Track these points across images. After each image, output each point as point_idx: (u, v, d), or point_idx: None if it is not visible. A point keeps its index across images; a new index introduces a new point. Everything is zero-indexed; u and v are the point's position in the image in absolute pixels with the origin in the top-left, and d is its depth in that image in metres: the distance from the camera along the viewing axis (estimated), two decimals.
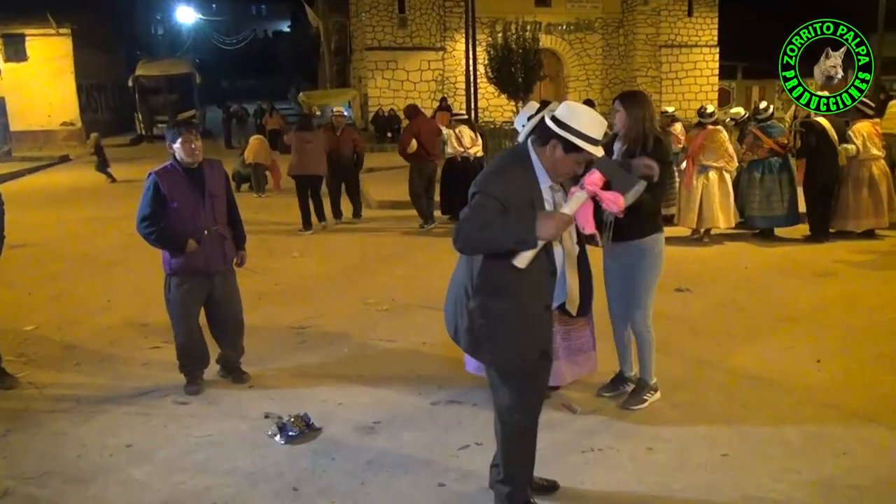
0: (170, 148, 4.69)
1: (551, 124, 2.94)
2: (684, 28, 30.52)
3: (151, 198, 4.60)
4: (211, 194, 4.72)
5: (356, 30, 30.63)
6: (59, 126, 29.48)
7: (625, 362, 4.67)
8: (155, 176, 4.63)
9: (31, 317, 6.63)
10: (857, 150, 8.74)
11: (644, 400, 4.49)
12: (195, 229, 4.65)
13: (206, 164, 4.76)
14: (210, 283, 4.79)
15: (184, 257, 4.65)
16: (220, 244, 4.80)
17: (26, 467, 3.91)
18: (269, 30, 71.01)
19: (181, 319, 4.78)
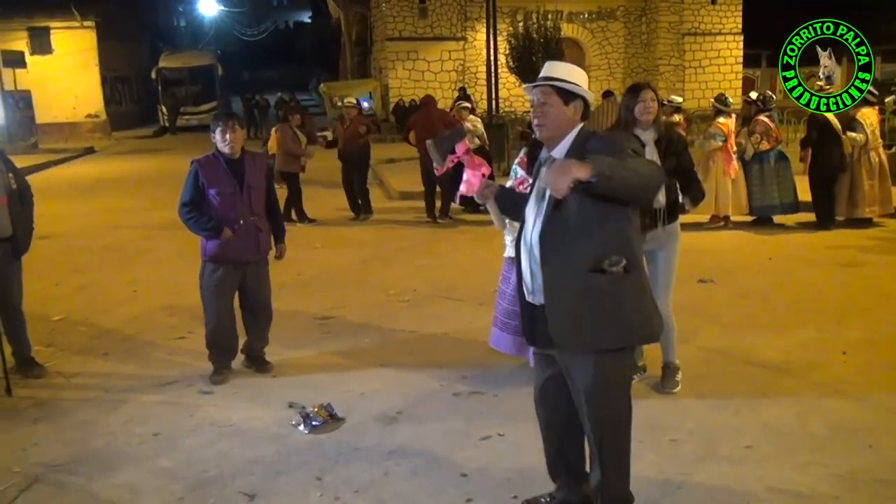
0: (212, 138, 4.83)
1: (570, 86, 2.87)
2: (708, 15, 30.11)
3: (191, 185, 4.76)
4: (249, 186, 4.82)
5: (377, 20, 30.58)
6: (83, 118, 29.76)
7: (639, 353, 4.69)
8: (196, 164, 4.79)
9: (58, 307, 6.72)
10: (866, 139, 8.76)
11: (677, 381, 4.57)
12: (230, 218, 4.75)
13: (247, 156, 4.88)
14: (242, 272, 4.89)
15: (218, 245, 4.75)
16: (255, 235, 4.88)
17: (55, 455, 3.98)
18: (291, 21, 71.09)
19: (213, 305, 4.87)
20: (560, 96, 2.83)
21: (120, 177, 17.40)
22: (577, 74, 2.90)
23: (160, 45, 38.77)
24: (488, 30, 17.78)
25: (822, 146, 8.81)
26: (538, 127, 2.87)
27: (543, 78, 2.88)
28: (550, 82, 2.84)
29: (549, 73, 2.88)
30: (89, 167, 20.13)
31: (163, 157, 21.50)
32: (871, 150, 8.88)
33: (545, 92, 2.84)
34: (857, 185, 8.96)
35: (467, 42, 28.84)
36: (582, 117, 2.89)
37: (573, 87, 2.84)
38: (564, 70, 2.90)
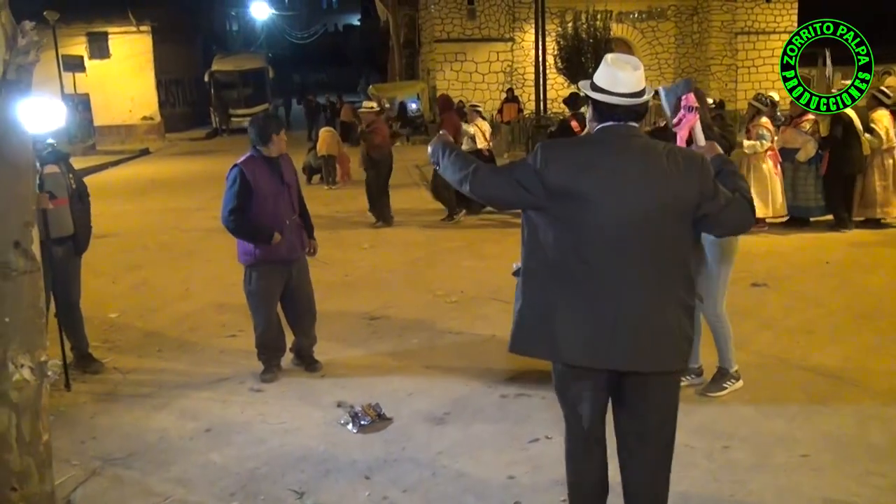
0: (257, 140, 4.83)
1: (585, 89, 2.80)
2: (762, 14, 29.46)
3: (239, 189, 4.69)
4: (288, 184, 4.89)
5: (425, 22, 30.70)
6: (139, 120, 30.52)
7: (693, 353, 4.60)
8: (241, 166, 4.74)
9: (115, 304, 6.90)
10: (882, 140, 8.63)
11: (724, 388, 4.47)
12: (278, 219, 4.78)
13: (280, 156, 4.90)
14: (289, 271, 4.92)
15: (268, 248, 4.75)
16: (299, 232, 4.97)
17: (113, 448, 4.08)
18: (340, 24, 71.82)
19: (264, 310, 4.90)
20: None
21: (173, 177, 17.80)
22: (598, 73, 2.75)
23: (213, 49, 39.53)
24: (537, 31, 17.71)
25: (845, 146, 8.66)
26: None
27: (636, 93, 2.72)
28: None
29: (628, 88, 2.70)
30: (144, 168, 20.64)
31: (214, 159, 21.90)
32: (884, 151, 8.75)
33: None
34: (868, 186, 8.86)
35: (515, 43, 28.74)
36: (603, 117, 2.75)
37: (587, 90, 2.76)
38: (633, 83, 2.71)
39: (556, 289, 2.69)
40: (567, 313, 2.67)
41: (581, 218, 2.62)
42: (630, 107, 2.68)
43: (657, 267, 2.65)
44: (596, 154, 2.68)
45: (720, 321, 4.43)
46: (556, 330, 2.68)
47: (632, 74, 2.68)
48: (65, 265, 5.07)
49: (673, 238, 2.66)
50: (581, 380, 2.78)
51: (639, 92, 2.68)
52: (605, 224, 2.61)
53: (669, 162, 2.64)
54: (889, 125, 8.73)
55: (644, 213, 2.60)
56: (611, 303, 2.63)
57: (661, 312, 2.66)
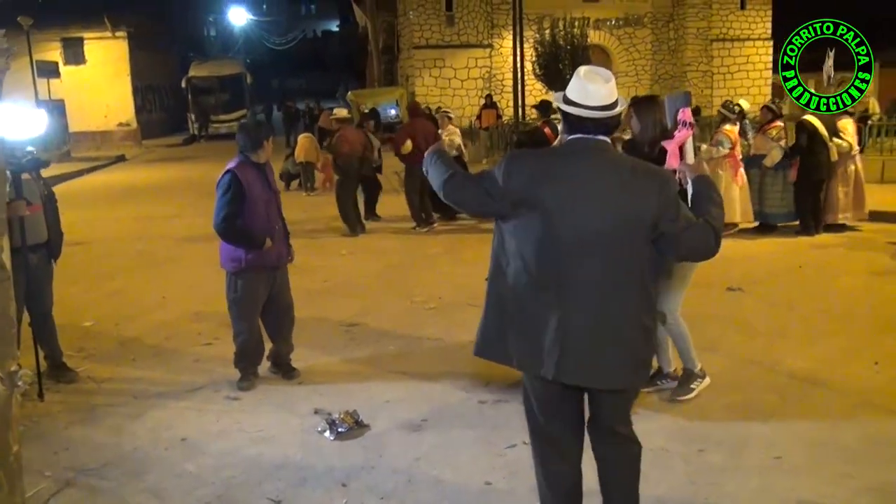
0: (248, 146, 4.82)
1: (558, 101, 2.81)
2: (737, 21, 29.84)
3: (233, 194, 4.65)
4: (274, 191, 4.92)
5: (404, 28, 30.75)
6: (115, 127, 30.26)
7: (662, 358, 4.63)
8: (235, 171, 4.69)
9: (89, 313, 6.83)
10: (850, 146, 8.82)
11: (692, 389, 4.48)
12: (269, 225, 4.78)
13: (266, 163, 4.93)
14: (273, 277, 4.92)
15: (258, 254, 4.74)
16: (286, 239, 5.00)
17: (86, 459, 4.04)
18: (318, 29, 71.68)
19: (248, 318, 4.87)
20: None
21: (150, 184, 17.65)
22: (569, 86, 2.76)
23: (190, 55, 39.28)
24: (515, 37, 17.82)
25: (812, 153, 8.81)
26: None
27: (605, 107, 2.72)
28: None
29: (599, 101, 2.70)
30: (120, 175, 20.45)
31: (192, 165, 21.77)
32: (849, 158, 8.92)
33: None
34: (832, 192, 9.01)
35: (494, 49, 28.86)
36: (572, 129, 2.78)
37: (559, 103, 2.77)
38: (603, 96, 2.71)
39: (512, 297, 2.73)
40: (521, 321, 2.71)
41: (538, 228, 2.64)
42: (600, 120, 2.68)
43: (611, 282, 2.64)
44: (558, 165, 2.69)
45: (676, 324, 4.47)
46: (509, 337, 2.74)
47: (603, 87, 2.68)
48: (39, 272, 5.01)
49: (630, 254, 2.64)
50: (541, 388, 2.82)
51: (610, 105, 2.69)
52: (561, 236, 2.62)
53: (631, 178, 2.65)
54: (853, 132, 8.90)
55: (600, 227, 2.61)
56: (561, 315, 2.65)
57: (613, 329, 2.66)
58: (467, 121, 24.82)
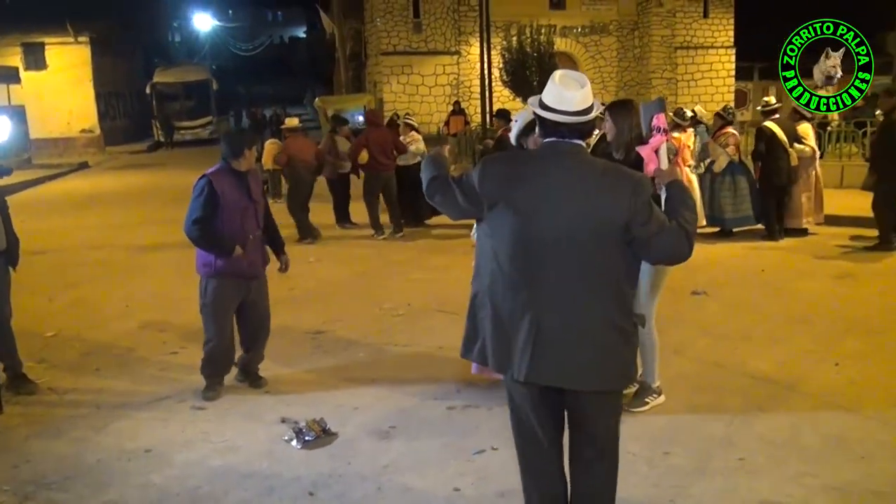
0: (231, 153, 4.78)
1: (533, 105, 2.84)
2: (700, 29, 30.36)
3: (205, 200, 4.64)
4: (254, 200, 4.84)
5: (371, 35, 30.74)
6: (78, 133, 29.79)
7: (649, 371, 4.65)
8: (209, 177, 4.69)
9: (51, 322, 6.70)
10: (813, 151, 8.99)
11: (646, 402, 4.50)
12: (242, 233, 4.73)
13: (249, 172, 4.88)
14: (247, 287, 4.86)
15: (230, 261, 4.70)
16: (262, 249, 4.94)
17: (47, 471, 3.96)
18: (285, 35, 71.35)
19: (217, 323, 4.82)
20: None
21: (114, 192, 17.39)
22: (545, 91, 2.77)
23: (155, 61, 38.87)
24: (482, 44, 17.88)
25: (772, 159, 9.01)
26: None
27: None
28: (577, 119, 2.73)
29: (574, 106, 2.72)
30: (83, 182, 20.12)
31: (156, 172, 21.52)
32: (811, 163, 9.06)
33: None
34: (794, 197, 9.16)
35: (461, 56, 28.99)
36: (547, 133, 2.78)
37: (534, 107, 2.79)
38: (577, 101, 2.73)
39: (489, 298, 2.78)
40: (496, 323, 2.75)
41: (511, 229, 2.68)
42: (574, 125, 2.71)
43: (584, 284, 2.66)
44: (531, 168, 2.72)
45: (648, 334, 4.44)
46: (487, 338, 2.79)
47: (578, 93, 2.71)
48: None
49: (602, 258, 2.66)
50: (518, 390, 2.84)
51: (585, 110, 2.72)
52: (534, 237, 2.65)
53: (603, 181, 2.68)
54: (813, 137, 9.05)
55: (571, 229, 2.63)
56: (533, 315, 2.67)
57: (586, 330, 2.68)
58: (435, 127, 24.88)
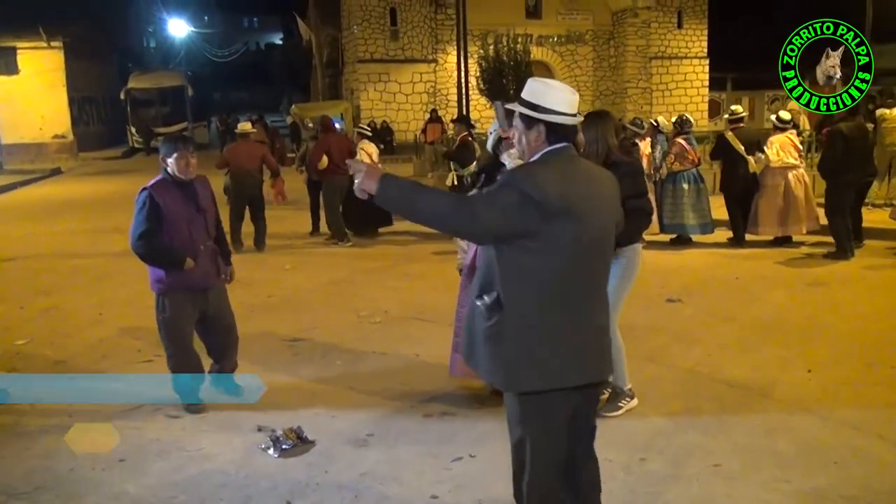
0: (163, 162, 4.59)
1: (529, 111, 2.71)
2: (674, 40, 30.75)
3: (148, 213, 4.49)
4: (203, 209, 4.67)
5: (348, 42, 30.74)
6: (50, 139, 29.44)
7: (620, 375, 4.69)
8: (150, 190, 4.53)
9: (22, 330, 6.60)
10: (768, 160, 9.08)
11: (619, 406, 4.54)
12: (191, 245, 4.57)
13: (196, 180, 4.69)
14: (205, 299, 4.73)
15: (180, 275, 4.55)
16: (214, 259, 4.76)
17: (18, 482, 3.89)
18: (262, 42, 71.04)
19: (176, 339, 4.69)
20: (521, 121, 2.72)
21: (87, 198, 17.18)
22: (545, 96, 2.69)
23: (130, 66, 38.49)
24: (459, 52, 17.97)
25: (728, 167, 9.42)
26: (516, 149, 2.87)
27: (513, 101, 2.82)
28: (514, 105, 2.76)
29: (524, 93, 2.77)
30: (56, 188, 19.86)
31: (130, 179, 21.26)
32: (775, 172, 9.06)
33: (512, 114, 2.79)
34: (765, 206, 9.22)
35: (438, 64, 29.09)
36: (557, 139, 2.70)
37: (532, 112, 2.68)
38: (529, 90, 2.74)
39: (547, 314, 2.65)
40: (566, 334, 2.68)
41: (573, 237, 2.61)
42: (576, 127, 2.80)
43: (605, 281, 2.84)
44: (576, 173, 2.71)
45: (615, 338, 4.48)
46: (559, 352, 2.67)
47: (573, 96, 2.77)
48: None
49: (611, 252, 2.88)
50: (566, 403, 2.76)
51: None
52: (590, 242, 2.69)
53: (611, 182, 2.87)
54: (781, 147, 9.05)
55: (607, 230, 2.77)
56: (589, 317, 2.75)
57: (605, 325, 2.85)
58: (412, 135, 24.92)
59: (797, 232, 9.30)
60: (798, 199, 9.14)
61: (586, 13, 30.72)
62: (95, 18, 32.98)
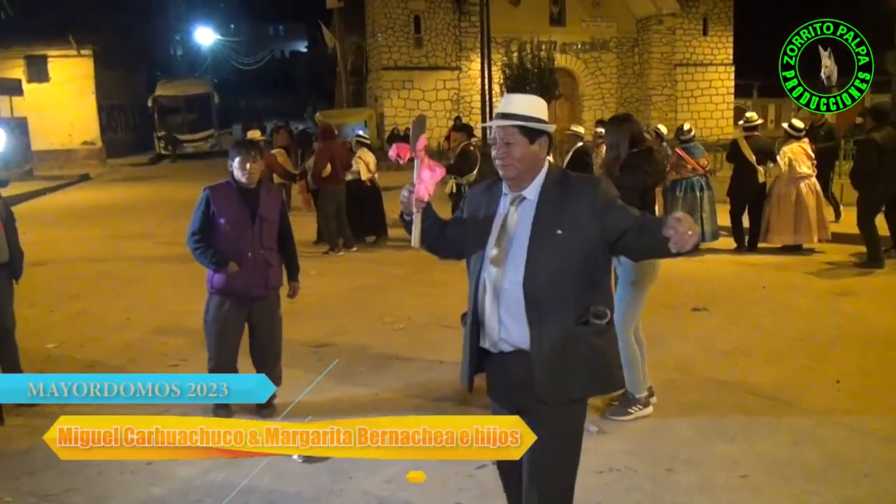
0: (230, 166, 4.68)
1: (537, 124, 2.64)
2: (699, 47, 30.58)
3: (202, 213, 4.60)
4: (261, 217, 4.65)
5: (372, 50, 30.92)
6: (79, 145, 29.92)
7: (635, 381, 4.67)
8: (208, 191, 4.63)
9: (52, 334, 6.70)
10: (779, 169, 9.08)
11: (629, 413, 4.52)
12: (238, 250, 4.58)
13: (263, 188, 4.73)
14: (249, 308, 4.73)
15: (225, 278, 4.60)
16: (264, 270, 4.69)
17: (49, 484, 3.95)
18: (287, 50, 71.64)
19: (217, 342, 4.71)
20: (524, 135, 2.60)
21: (115, 204, 17.42)
22: (538, 107, 2.67)
23: (157, 74, 39.03)
24: (483, 60, 18.01)
25: (738, 173, 9.52)
26: (503, 168, 2.62)
27: (504, 115, 2.64)
28: (514, 122, 2.60)
29: (509, 108, 2.64)
30: (84, 194, 20.16)
31: (157, 185, 21.56)
32: (789, 182, 9.02)
33: (508, 132, 2.60)
34: (781, 214, 9.16)
35: (462, 72, 29.16)
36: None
37: (537, 124, 2.61)
38: (525, 104, 2.66)
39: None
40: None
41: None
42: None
43: None
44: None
45: (626, 343, 4.45)
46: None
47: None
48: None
49: None
50: None
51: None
52: None
53: None
54: (794, 157, 8.99)
55: None
56: None
57: None
58: (436, 142, 24.98)
59: (809, 241, 9.20)
60: (810, 209, 9.02)
61: (610, 20, 30.65)
62: (124, 27, 33.52)
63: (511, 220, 2.64)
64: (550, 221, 2.56)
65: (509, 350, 2.63)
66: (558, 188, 2.61)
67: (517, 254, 2.59)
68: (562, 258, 2.53)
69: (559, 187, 2.61)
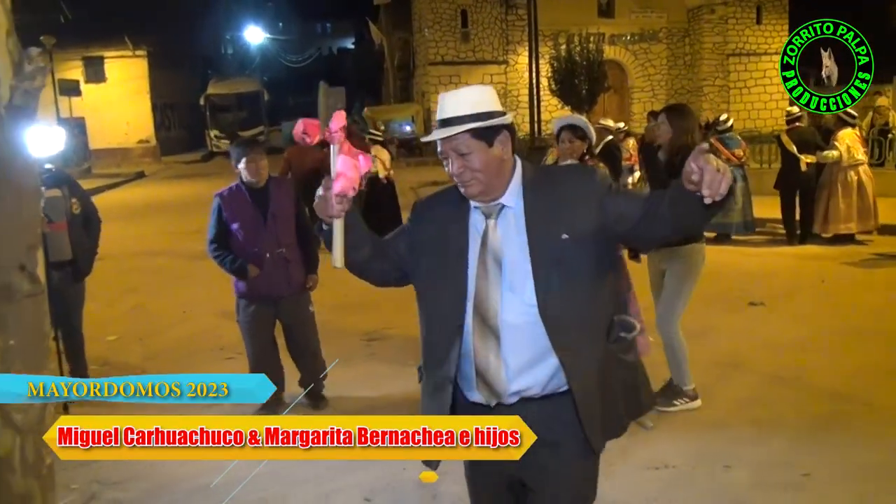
0: (235, 168, 4.64)
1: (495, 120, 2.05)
2: (753, 36, 29.82)
3: (216, 221, 4.61)
4: (274, 215, 4.57)
5: (419, 45, 30.98)
6: (135, 144, 30.69)
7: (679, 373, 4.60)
8: (218, 198, 4.64)
9: (113, 327, 6.89)
10: (840, 156, 8.93)
11: (673, 404, 4.48)
12: (255, 252, 4.54)
13: (272, 183, 4.63)
14: (276, 307, 4.70)
15: (247, 282, 4.60)
16: (284, 268, 4.61)
17: (110, 472, 4.06)
18: (334, 47, 72.26)
19: (252, 344, 4.74)
20: (478, 138, 2.02)
21: (169, 200, 17.83)
22: (486, 97, 2.07)
23: (209, 72, 39.80)
24: (530, 53, 17.90)
25: (784, 167, 9.51)
26: (465, 185, 2.05)
27: (446, 122, 2.04)
28: (460, 127, 2.01)
29: (450, 111, 2.04)
30: (140, 191, 20.67)
31: (209, 182, 21.92)
32: (847, 168, 8.98)
33: (458, 140, 2.02)
34: (833, 203, 9.10)
35: (509, 65, 29.01)
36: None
37: (489, 121, 2.02)
38: (468, 100, 2.04)
39: None
40: None
41: None
42: None
43: None
44: None
45: (674, 338, 4.48)
46: None
47: None
48: (62, 290, 5.05)
49: None
50: None
51: None
52: None
53: None
54: (851, 143, 8.94)
55: None
56: None
57: None
58: None
59: (871, 227, 9.12)
60: (870, 196, 9.04)
61: (660, 11, 30.12)
62: (176, 28, 34.22)
63: (493, 236, 2.07)
64: (549, 226, 2.02)
65: (516, 401, 2.08)
66: (545, 186, 2.08)
67: (517, 276, 2.03)
68: (576, 267, 2.01)
69: (546, 184, 2.09)
